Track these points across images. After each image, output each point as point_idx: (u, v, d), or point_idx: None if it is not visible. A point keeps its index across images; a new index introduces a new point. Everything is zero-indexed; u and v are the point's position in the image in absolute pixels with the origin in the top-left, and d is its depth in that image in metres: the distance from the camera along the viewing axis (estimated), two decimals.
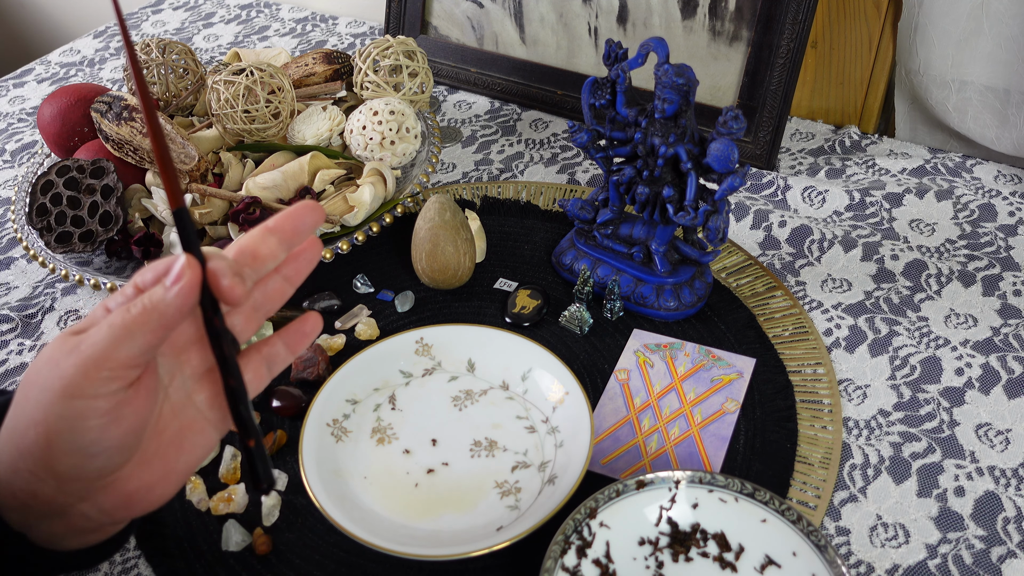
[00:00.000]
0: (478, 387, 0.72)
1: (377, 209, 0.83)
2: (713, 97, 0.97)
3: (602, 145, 0.78)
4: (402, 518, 0.63)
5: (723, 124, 0.68)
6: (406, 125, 0.87)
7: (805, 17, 0.89)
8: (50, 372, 0.40)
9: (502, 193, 0.95)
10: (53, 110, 0.87)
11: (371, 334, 0.78)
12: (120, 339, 0.40)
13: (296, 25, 1.34)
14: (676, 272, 0.78)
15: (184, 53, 0.94)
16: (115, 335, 0.40)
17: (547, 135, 1.05)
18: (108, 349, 0.40)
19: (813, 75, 1.02)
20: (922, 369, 0.74)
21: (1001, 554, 0.61)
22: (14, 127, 1.14)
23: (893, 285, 0.82)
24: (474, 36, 1.10)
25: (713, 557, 0.59)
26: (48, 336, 0.82)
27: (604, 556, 0.59)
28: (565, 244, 0.84)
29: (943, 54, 0.93)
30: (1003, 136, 0.93)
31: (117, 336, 0.40)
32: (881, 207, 0.90)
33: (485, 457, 0.67)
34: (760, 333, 0.77)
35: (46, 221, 0.80)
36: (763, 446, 0.68)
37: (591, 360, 0.76)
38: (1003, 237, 0.86)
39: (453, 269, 0.79)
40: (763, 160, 0.96)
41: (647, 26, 0.99)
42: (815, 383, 0.73)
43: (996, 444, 0.68)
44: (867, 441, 0.69)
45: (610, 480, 0.66)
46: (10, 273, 0.90)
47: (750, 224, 0.89)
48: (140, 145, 0.81)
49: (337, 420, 0.69)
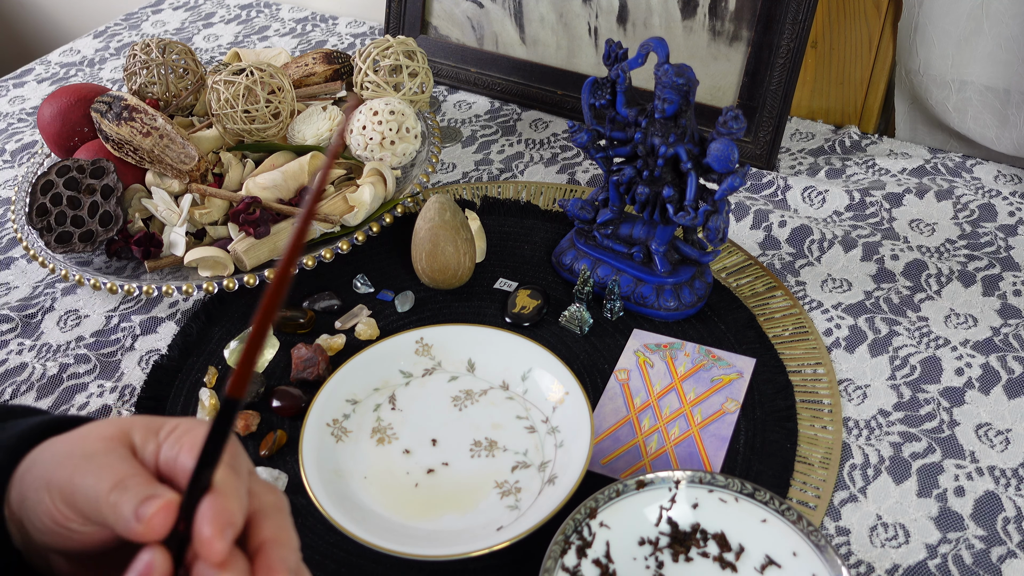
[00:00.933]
0: (478, 387, 0.72)
1: (377, 209, 0.83)
2: (713, 97, 0.97)
3: (602, 145, 0.78)
4: (402, 518, 0.63)
5: (723, 124, 0.68)
6: (406, 125, 0.87)
7: (805, 17, 0.89)
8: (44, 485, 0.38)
9: (502, 193, 0.95)
10: (53, 110, 0.87)
11: (371, 334, 0.78)
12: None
13: (296, 25, 1.34)
14: (676, 272, 0.78)
15: (184, 53, 0.94)
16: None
17: (547, 135, 1.05)
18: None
19: (813, 75, 1.02)
20: (922, 369, 0.74)
21: (1001, 554, 0.61)
22: (14, 127, 1.14)
23: (893, 285, 0.82)
24: (474, 36, 1.10)
25: (713, 557, 0.59)
26: (48, 336, 0.82)
27: (604, 556, 0.59)
28: (565, 244, 0.84)
29: (943, 54, 0.93)
30: (1003, 136, 0.93)
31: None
32: (881, 207, 0.90)
33: (485, 457, 0.67)
34: (760, 333, 0.77)
35: (46, 221, 0.80)
36: (763, 446, 0.68)
37: (591, 360, 0.76)
38: (1003, 237, 0.86)
39: (453, 269, 0.79)
40: (763, 160, 0.96)
41: (647, 26, 0.99)
42: (815, 383, 0.73)
43: (996, 444, 0.68)
44: (867, 441, 0.69)
45: (610, 480, 0.66)
46: (10, 273, 0.90)
47: (750, 224, 0.89)
48: (140, 145, 0.81)
49: (337, 420, 0.69)
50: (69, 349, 0.80)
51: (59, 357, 0.80)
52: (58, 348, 0.81)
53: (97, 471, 0.36)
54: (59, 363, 0.79)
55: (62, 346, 0.81)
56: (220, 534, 0.34)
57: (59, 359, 0.79)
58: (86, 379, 0.78)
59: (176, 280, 0.78)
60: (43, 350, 0.80)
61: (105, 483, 0.36)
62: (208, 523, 0.34)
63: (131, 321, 0.83)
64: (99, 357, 0.80)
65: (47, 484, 0.37)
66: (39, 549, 0.40)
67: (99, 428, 0.39)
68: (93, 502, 0.36)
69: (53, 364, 0.79)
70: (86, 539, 0.38)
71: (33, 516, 0.38)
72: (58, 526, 0.37)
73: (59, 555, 0.40)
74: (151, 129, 0.81)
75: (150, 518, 0.34)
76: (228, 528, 0.34)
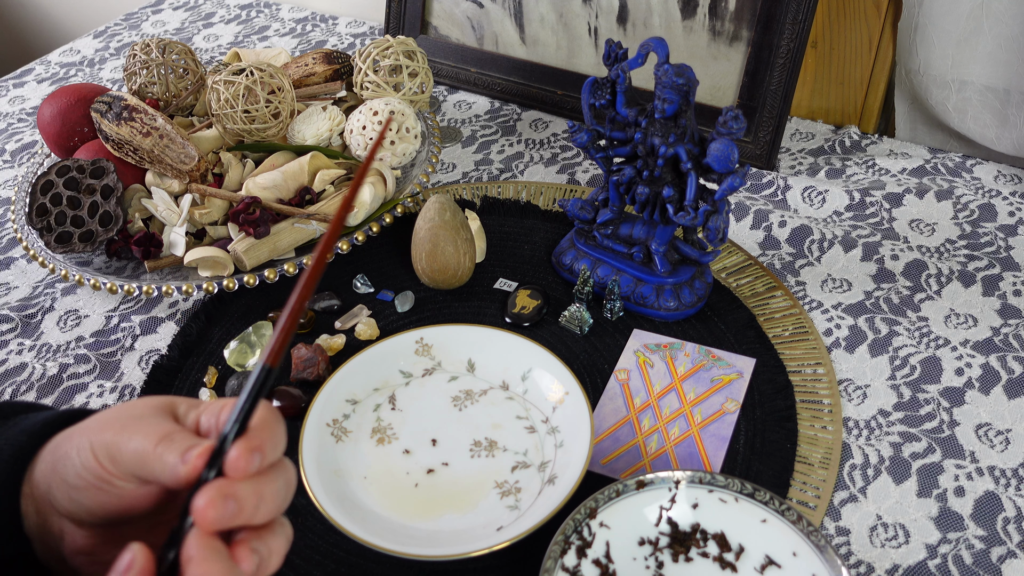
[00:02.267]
0: (478, 387, 0.72)
1: (377, 209, 0.83)
2: (713, 97, 0.97)
3: (602, 145, 0.78)
4: (402, 518, 0.63)
5: (723, 124, 0.68)
6: (406, 125, 0.87)
7: (805, 17, 0.89)
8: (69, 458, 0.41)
9: (502, 193, 0.95)
10: (53, 110, 0.87)
11: (371, 334, 0.78)
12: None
13: (296, 25, 1.34)
14: (676, 272, 0.78)
15: (184, 53, 0.94)
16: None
17: (547, 135, 1.05)
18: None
19: (813, 75, 1.02)
20: (922, 369, 0.74)
21: (1001, 554, 0.61)
22: (14, 127, 1.14)
23: (893, 285, 0.82)
24: (474, 36, 1.10)
25: (713, 557, 0.59)
26: (48, 336, 0.82)
27: (604, 556, 0.59)
28: (565, 244, 0.84)
29: (943, 54, 0.93)
30: (1003, 136, 0.93)
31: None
32: (881, 207, 0.90)
33: (485, 457, 0.67)
34: (760, 333, 0.77)
35: (46, 221, 0.80)
36: (763, 446, 0.68)
37: (591, 360, 0.76)
38: (1003, 237, 0.86)
39: (453, 269, 0.79)
40: (763, 160, 0.96)
41: (647, 26, 0.99)
42: (815, 383, 0.73)
43: (996, 444, 0.68)
44: (867, 441, 0.69)
45: (610, 480, 0.66)
46: (10, 273, 0.90)
47: (750, 224, 0.89)
48: (140, 145, 0.81)
49: (337, 420, 0.69)
50: (69, 349, 0.80)
51: (59, 357, 0.80)
52: (58, 348, 0.81)
53: (145, 429, 0.40)
54: (59, 363, 0.79)
55: (62, 346, 0.81)
56: (247, 454, 0.37)
57: (59, 359, 0.79)
58: (86, 379, 0.78)
59: (176, 280, 0.78)
60: (43, 350, 0.80)
61: (152, 439, 0.39)
62: (236, 447, 0.37)
63: (131, 321, 0.83)
64: (99, 357, 0.80)
65: (91, 443, 0.40)
66: (54, 528, 0.42)
67: (145, 400, 0.43)
68: (139, 456, 0.39)
69: (53, 364, 0.79)
70: (121, 496, 0.40)
71: (71, 474, 0.40)
72: (98, 480, 0.40)
73: (77, 526, 0.42)
74: (151, 129, 0.81)
75: (195, 459, 0.38)
76: (255, 453, 0.37)
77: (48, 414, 0.45)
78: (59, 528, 0.42)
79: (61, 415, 0.45)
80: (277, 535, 0.39)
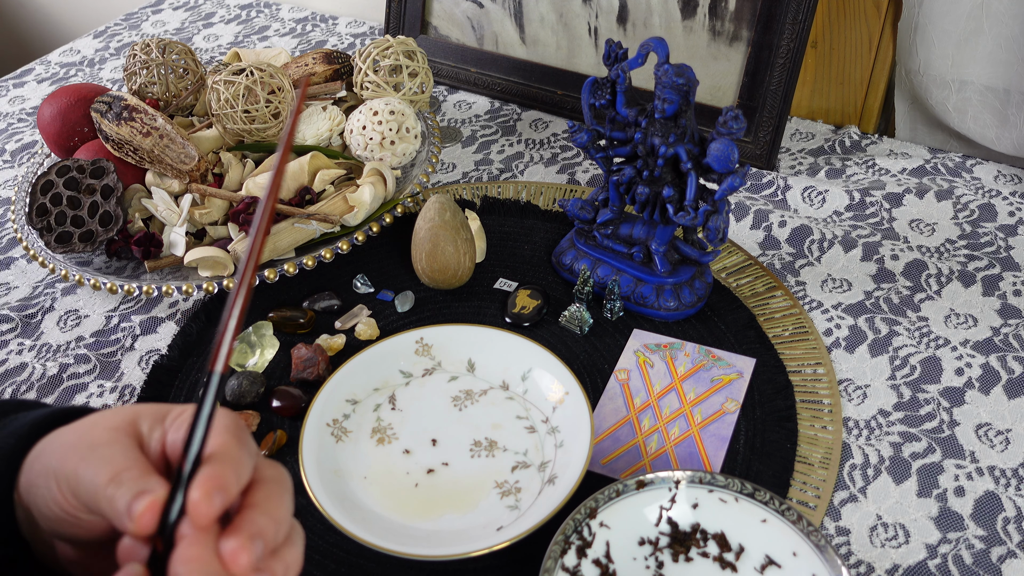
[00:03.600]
0: (478, 387, 0.72)
1: (377, 209, 0.83)
2: (713, 97, 0.97)
3: (602, 145, 0.78)
4: (402, 518, 0.63)
5: (723, 124, 0.68)
6: (406, 125, 0.87)
7: (805, 17, 0.89)
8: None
9: (502, 193, 0.95)
10: (53, 110, 0.87)
11: (371, 334, 0.78)
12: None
13: (296, 25, 1.34)
14: (676, 272, 0.78)
15: (184, 53, 0.94)
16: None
17: (547, 135, 1.05)
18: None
19: (813, 75, 1.02)
20: (922, 369, 0.74)
21: (1001, 554, 0.61)
22: (14, 127, 1.14)
23: (893, 285, 0.82)
24: (474, 36, 1.10)
25: (713, 557, 0.59)
26: (48, 336, 0.82)
27: (604, 556, 0.59)
28: (565, 244, 0.84)
29: (943, 54, 0.93)
30: (1003, 136, 0.93)
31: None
32: (881, 207, 0.90)
33: (485, 457, 0.67)
34: (760, 333, 0.77)
35: (46, 221, 0.80)
36: (763, 446, 0.68)
37: (591, 360, 0.76)
38: (1003, 237, 0.86)
39: (453, 269, 0.79)
40: (763, 160, 0.96)
41: (647, 26, 0.99)
42: (815, 383, 0.73)
43: (996, 444, 0.68)
44: (867, 441, 0.69)
45: (610, 480, 0.66)
46: (10, 273, 0.90)
47: (750, 224, 0.89)
48: (140, 145, 0.81)
49: (337, 420, 0.69)
50: (69, 349, 0.80)
51: (59, 357, 0.80)
52: (58, 348, 0.81)
53: (98, 463, 0.36)
54: (59, 363, 0.79)
55: (62, 346, 0.81)
56: (207, 497, 0.34)
57: (59, 359, 0.79)
58: (86, 379, 0.78)
59: (176, 280, 0.78)
60: (43, 350, 0.80)
61: (103, 476, 0.36)
62: (197, 486, 0.34)
63: (131, 321, 0.83)
64: (99, 357, 0.80)
65: (55, 473, 0.37)
66: (45, 536, 0.41)
67: (106, 418, 0.39)
68: (93, 494, 0.36)
69: (53, 364, 0.79)
70: (92, 527, 0.38)
71: (41, 504, 0.38)
72: (65, 514, 0.37)
73: (66, 542, 0.40)
74: (151, 129, 0.81)
75: (139, 516, 0.34)
76: (217, 493, 0.34)
77: (36, 415, 0.43)
78: (49, 540, 0.41)
79: (48, 417, 0.43)
80: (294, 544, 0.38)
